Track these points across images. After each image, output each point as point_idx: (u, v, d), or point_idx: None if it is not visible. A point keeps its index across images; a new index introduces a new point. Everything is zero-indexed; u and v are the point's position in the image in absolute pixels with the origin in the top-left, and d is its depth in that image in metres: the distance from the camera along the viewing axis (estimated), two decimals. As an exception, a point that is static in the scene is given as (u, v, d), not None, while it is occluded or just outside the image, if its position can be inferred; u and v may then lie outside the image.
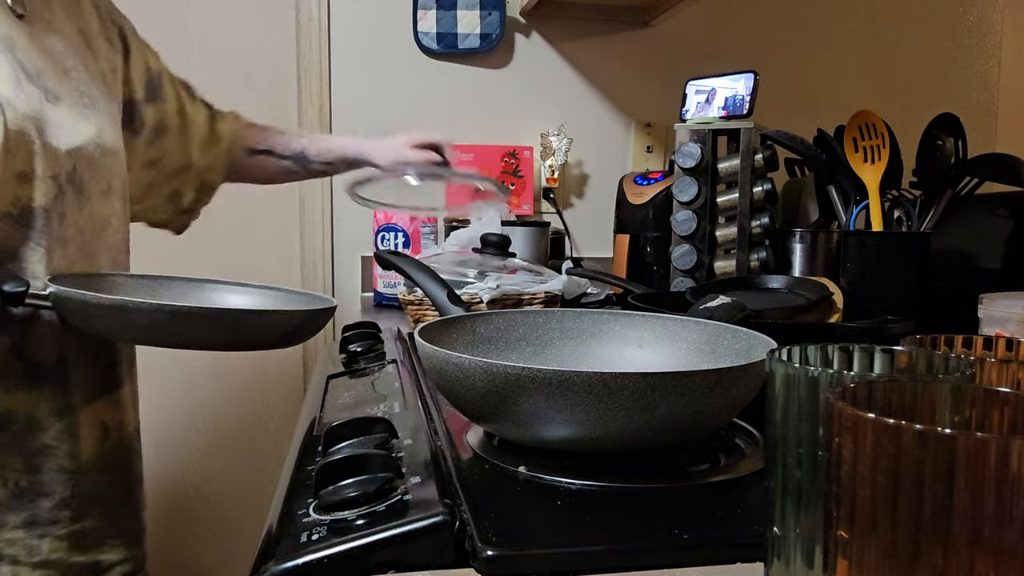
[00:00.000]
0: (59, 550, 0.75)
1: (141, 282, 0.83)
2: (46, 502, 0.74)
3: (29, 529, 0.73)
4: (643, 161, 1.86)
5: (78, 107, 0.76)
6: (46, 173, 0.71)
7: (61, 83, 0.75)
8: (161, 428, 1.75)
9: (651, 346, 0.75)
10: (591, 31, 1.83)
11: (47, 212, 0.71)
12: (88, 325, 0.71)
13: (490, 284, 1.15)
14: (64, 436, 0.75)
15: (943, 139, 1.24)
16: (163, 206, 1.04)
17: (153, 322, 0.67)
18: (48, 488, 0.74)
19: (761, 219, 1.25)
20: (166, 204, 1.04)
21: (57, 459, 0.75)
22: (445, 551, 0.44)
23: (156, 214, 1.05)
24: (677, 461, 0.58)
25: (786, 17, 1.93)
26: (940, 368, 0.39)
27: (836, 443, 0.29)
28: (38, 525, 0.74)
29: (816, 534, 0.36)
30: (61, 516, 0.75)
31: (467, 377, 0.54)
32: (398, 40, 1.75)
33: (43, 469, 0.74)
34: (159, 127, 0.97)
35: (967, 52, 2.05)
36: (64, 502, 0.75)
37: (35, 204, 0.70)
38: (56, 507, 0.75)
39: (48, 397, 0.74)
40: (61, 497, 0.75)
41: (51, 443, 0.74)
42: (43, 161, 0.70)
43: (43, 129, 0.71)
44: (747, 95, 1.29)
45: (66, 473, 0.75)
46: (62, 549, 0.75)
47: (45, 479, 0.74)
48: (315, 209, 1.75)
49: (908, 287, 1.09)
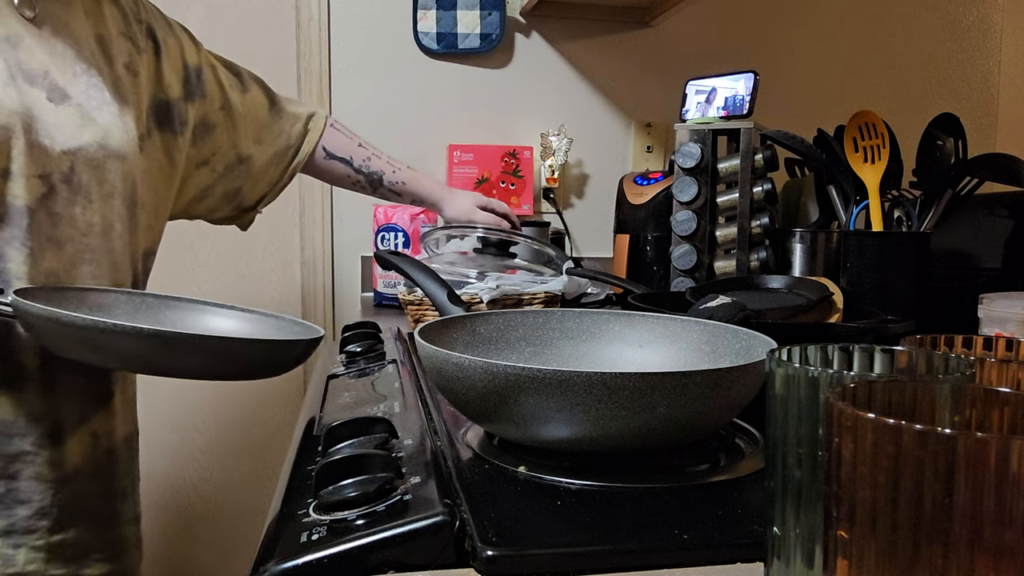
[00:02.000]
0: (35, 561, 0.72)
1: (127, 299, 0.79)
2: (22, 510, 0.72)
3: (4, 538, 0.71)
4: (643, 161, 1.86)
5: (84, 109, 0.75)
6: (32, 171, 0.69)
7: (69, 84, 0.74)
8: (161, 428, 1.75)
9: (651, 346, 0.75)
10: (591, 31, 1.83)
11: (32, 211, 0.70)
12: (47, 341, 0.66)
13: (490, 284, 1.15)
14: (45, 442, 0.73)
15: (943, 139, 1.24)
16: (221, 205, 1.02)
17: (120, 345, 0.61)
18: (24, 495, 0.72)
19: (761, 219, 1.25)
20: (224, 203, 1.01)
21: (35, 466, 0.72)
22: (445, 551, 0.44)
23: (216, 213, 1.03)
24: (677, 461, 0.58)
25: (786, 17, 1.93)
26: (940, 368, 0.39)
27: (836, 443, 0.29)
28: (14, 534, 0.71)
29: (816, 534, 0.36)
30: (39, 526, 0.72)
31: (467, 377, 0.54)
32: (398, 40, 1.75)
33: (20, 475, 0.71)
34: (204, 125, 0.95)
35: (967, 52, 2.05)
36: (42, 511, 0.72)
37: (16, 202, 0.69)
38: (34, 516, 0.72)
39: (29, 401, 0.71)
40: (39, 506, 0.72)
41: (30, 448, 0.72)
42: (28, 159, 0.69)
43: (32, 127, 0.70)
44: (747, 95, 1.29)
45: (46, 481, 0.73)
46: (39, 561, 0.72)
47: (22, 486, 0.71)
48: (315, 209, 1.75)
49: (908, 287, 1.09)
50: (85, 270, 0.76)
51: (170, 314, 0.81)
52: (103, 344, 0.61)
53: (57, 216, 0.72)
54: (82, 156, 0.74)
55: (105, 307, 0.75)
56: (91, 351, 0.64)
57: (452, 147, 1.77)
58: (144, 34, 0.87)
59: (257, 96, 1.02)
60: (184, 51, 0.93)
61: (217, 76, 0.97)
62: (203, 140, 0.95)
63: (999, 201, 1.30)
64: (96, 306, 0.75)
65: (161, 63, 0.89)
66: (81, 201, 0.74)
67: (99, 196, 0.76)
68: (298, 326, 0.78)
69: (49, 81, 0.72)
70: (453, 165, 1.77)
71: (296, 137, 1.06)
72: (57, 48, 0.75)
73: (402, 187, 1.16)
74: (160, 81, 0.89)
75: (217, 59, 0.99)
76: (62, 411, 0.74)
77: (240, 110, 0.99)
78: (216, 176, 0.98)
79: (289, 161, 1.06)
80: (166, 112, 0.89)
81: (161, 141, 0.88)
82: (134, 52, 0.85)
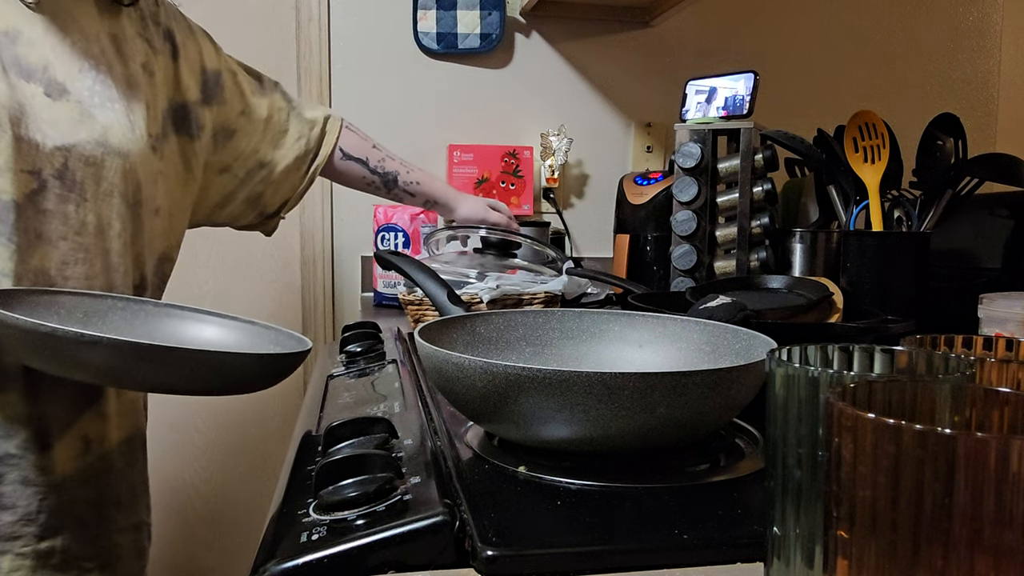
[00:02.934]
0: (20, 569, 0.70)
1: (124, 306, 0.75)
2: (7, 516, 0.70)
3: None
4: (643, 161, 1.86)
5: (84, 105, 0.74)
6: (19, 166, 0.68)
7: (72, 80, 0.74)
8: (161, 428, 1.74)
9: (651, 346, 0.75)
10: (591, 31, 1.83)
11: (19, 207, 0.68)
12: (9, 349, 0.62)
13: (490, 284, 1.15)
14: (31, 446, 0.71)
15: (943, 139, 1.24)
16: (245, 212, 1.01)
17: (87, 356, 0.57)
18: (9, 500, 0.70)
19: (761, 219, 1.25)
20: (248, 209, 1.01)
21: (21, 470, 0.70)
22: (445, 551, 0.44)
23: (239, 220, 1.02)
24: (677, 461, 0.58)
25: (786, 17, 1.93)
26: (940, 368, 0.39)
27: (836, 443, 0.29)
28: None
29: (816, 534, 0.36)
30: (24, 532, 0.71)
31: (467, 377, 0.54)
32: (398, 40, 1.75)
33: (4, 479, 0.70)
34: (223, 130, 0.94)
35: (967, 52, 2.05)
36: (28, 517, 0.71)
37: (2, 196, 0.68)
38: (19, 522, 0.70)
39: (12, 403, 0.70)
40: (25, 511, 0.70)
41: (14, 451, 0.70)
42: (15, 153, 0.68)
43: (22, 122, 0.69)
44: (747, 95, 1.29)
45: (32, 486, 0.71)
46: (24, 568, 0.71)
47: (6, 490, 0.70)
48: (315, 209, 1.75)
49: (908, 287, 1.09)
50: (79, 270, 0.74)
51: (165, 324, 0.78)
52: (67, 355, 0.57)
53: (47, 212, 0.71)
54: (77, 152, 0.73)
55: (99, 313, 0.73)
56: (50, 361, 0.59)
57: (452, 147, 1.77)
58: (162, 36, 0.87)
59: (277, 101, 1.02)
60: (203, 55, 0.92)
61: (237, 81, 0.97)
62: (224, 146, 0.95)
63: (999, 201, 1.30)
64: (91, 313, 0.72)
65: (179, 66, 0.88)
66: (75, 198, 0.73)
67: (95, 194, 0.75)
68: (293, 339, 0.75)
69: (48, 76, 0.72)
70: (453, 165, 1.77)
71: (315, 141, 1.06)
72: (63, 43, 0.74)
73: (416, 187, 1.16)
74: (178, 84, 0.88)
75: (238, 64, 0.99)
76: (47, 414, 0.72)
77: (261, 115, 0.99)
78: (238, 182, 0.98)
79: (309, 165, 1.06)
80: (183, 115, 0.88)
81: (177, 144, 0.87)
82: (150, 53, 0.84)
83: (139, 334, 0.73)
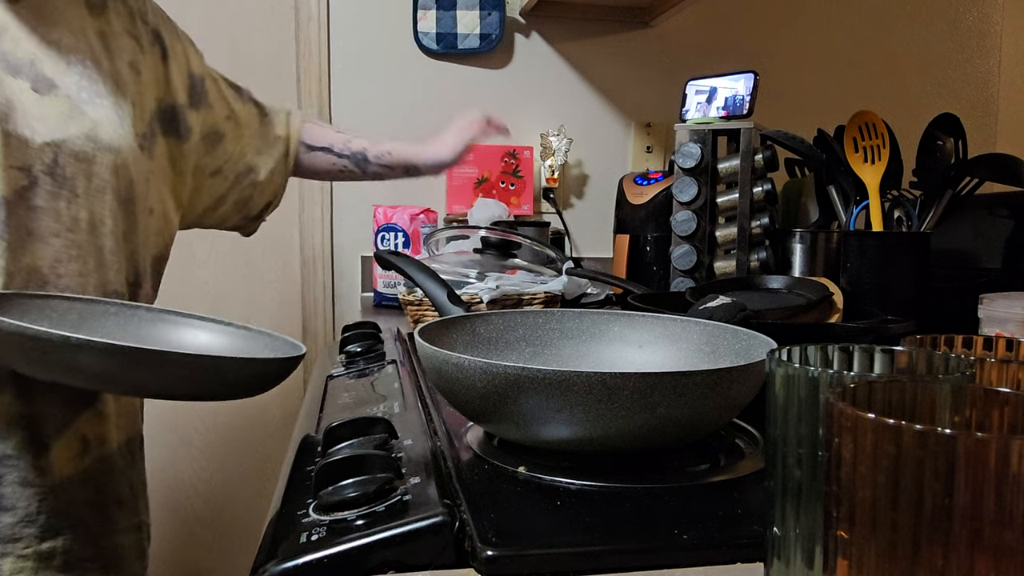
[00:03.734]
0: (23, 571, 0.70)
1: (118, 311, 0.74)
2: (7, 517, 0.69)
3: None
4: (643, 161, 1.86)
5: (74, 100, 0.73)
6: (8, 162, 0.68)
7: (58, 75, 0.73)
8: (161, 428, 1.75)
9: (651, 346, 0.75)
10: (591, 31, 1.83)
11: (9, 203, 0.68)
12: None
13: (490, 284, 1.15)
14: (28, 447, 0.70)
15: (943, 139, 1.24)
16: (233, 214, 1.02)
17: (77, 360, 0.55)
18: (8, 502, 0.69)
19: (761, 219, 1.25)
20: (235, 212, 1.02)
21: (19, 471, 0.70)
22: (445, 551, 0.44)
23: (227, 221, 1.03)
24: (677, 461, 0.58)
25: (786, 17, 1.93)
26: (940, 368, 0.39)
27: (836, 443, 0.29)
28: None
29: (816, 534, 0.36)
30: (25, 533, 0.70)
31: (467, 377, 0.54)
32: (398, 40, 1.75)
33: (3, 481, 0.69)
34: (212, 134, 0.95)
35: (967, 52, 2.05)
36: (29, 518, 0.70)
37: None
38: (19, 523, 0.70)
39: (6, 403, 0.69)
40: (25, 513, 0.70)
41: (11, 452, 0.70)
42: (4, 149, 0.68)
43: (10, 117, 0.68)
44: (747, 95, 1.29)
45: (32, 487, 0.70)
46: (26, 570, 0.70)
47: (6, 492, 0.69)
48: (315, 209, 1.75)
49: (908, 287, 1.09)
50: (72, 267, 0.73)
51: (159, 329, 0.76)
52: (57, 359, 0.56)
53: (39, 209, 0.70)
54: (67, 148, 0.72)
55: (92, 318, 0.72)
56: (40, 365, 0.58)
57: (452, 147, 1.77)
58: (150, 36, 0.87)
59: (251, 108, 1.03)
60: (190, 59, 0.93)
61: (219, 88, 0.98)
62: (214, 149, 0.95)
63: (999, 201, 1.30)
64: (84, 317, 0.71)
65: (169, 67, 0.89)
66: (66, 195, 0.72)
67: (87, 190, 0.74)
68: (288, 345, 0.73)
69: (36, 71, 0.71)
70: (453, 165, 1.76)
71: (284, 141, 1.06)
72: (49, 38, 0.73)
73: (389, 157, 1.11)
74: (168, 85, 0.88)
75: (215, 72, 1.00)
76: (43, 414, 0.71)
77: (244, 121, 1.00)
78: (228, 185, 0.98)
79: (286, 165, 1.06)
80: (172, 117, 0.88)
81: (166, 146, 0.87)
82: (138, 51, 0.84)
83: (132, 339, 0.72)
